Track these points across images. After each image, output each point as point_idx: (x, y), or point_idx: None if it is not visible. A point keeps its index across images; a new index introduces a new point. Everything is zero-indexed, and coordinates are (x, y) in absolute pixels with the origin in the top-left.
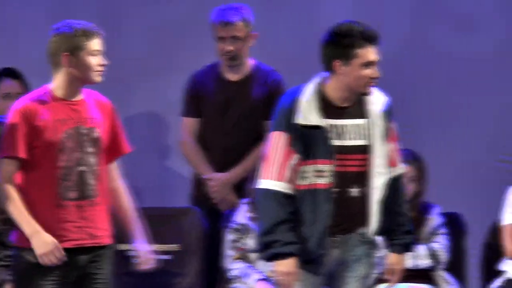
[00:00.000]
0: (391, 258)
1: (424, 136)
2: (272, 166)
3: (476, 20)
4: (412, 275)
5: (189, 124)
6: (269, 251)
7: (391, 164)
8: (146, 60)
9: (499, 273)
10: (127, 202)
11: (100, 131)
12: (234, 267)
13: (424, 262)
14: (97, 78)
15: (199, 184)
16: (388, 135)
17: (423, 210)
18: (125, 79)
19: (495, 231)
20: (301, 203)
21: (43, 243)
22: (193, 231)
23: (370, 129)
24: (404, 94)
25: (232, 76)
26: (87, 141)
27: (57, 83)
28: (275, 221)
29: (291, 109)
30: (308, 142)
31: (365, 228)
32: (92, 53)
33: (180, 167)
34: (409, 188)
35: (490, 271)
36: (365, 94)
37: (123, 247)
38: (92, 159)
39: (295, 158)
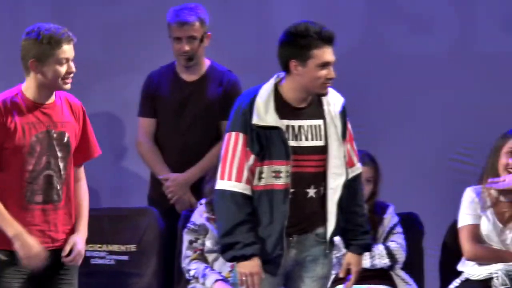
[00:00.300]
0: (349, 258)
1: (379, 136)
2: (229, 167)
3: (431, 21)
4: (369, 275)
5: (145, 124)
6: (230, 253)
7: (349, 164)
8: (101, 60)
9: (457, 273)
10: (83, 199)
11: (70, 136)
12: (192, 267)
13: (381, 262)
14: (65, 86)
15: (156, 184)
16: (345, 136)
17: (378, 210)
18: (80, 79)
19: (454, 231)
20: (258, 204)
21: (27, 246)
22: (150, 231)
23: (327, 130)
24: (358, 94)
25: (188, 77)
26: (56, 145)
27: (27, 86)
28: (234, 222)
29: (248, 110)
30: (265, 142)
31: (322, 228)
32: (59, 61)
33: (137, 168)
34: (365, 189)
35: (449, 271)
36: (321, 94)
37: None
38: (60, 164)
39: (251, 158)
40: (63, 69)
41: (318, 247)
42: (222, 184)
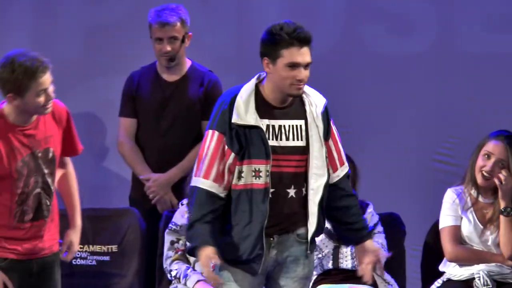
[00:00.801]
0: (369, 246)
1: (359, 137)
2: (201, 164)
3: (411, 21)
4: (351, 275)
5: (126, 124)
6: (188, 246)
7: (340, 164)
8: (82, 60)
9: (439, 273)
10: (73, 188)
11: (55, 149)
12: (173, 268)
13: None
14: (46, 111)
15: (137, 185)
16: (328, 137)
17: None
18: (61, 79)
19: (435, 232)
20: (237, 203)
21: None
22: (132, 232)
23: (308, 131)
24: (337, 93)
25: (169, 77)
26: (43, 163)
27: (8, 110)
28: (196, 217)
29: (227, 109)
30: (244, 141)
31: (303, 229)
32: (37, 93)
33: (118, 168)
34: None
35: (430, 272)
36: (292, 95)
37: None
38: (48, 179)
39: (231, 157)
40: (41, 99)
41: (299, 247)
42: (194, 180)
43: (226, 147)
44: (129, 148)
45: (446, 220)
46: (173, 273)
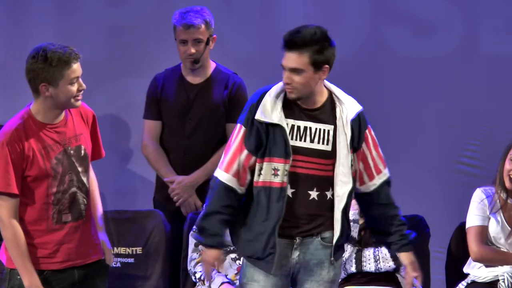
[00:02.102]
0: (404, 258)
1: (383, 139)
2: (224, 156)
3: (435, 23)
4: (375, 278)
5: (151, 126)
6: (196, 235)
7: (376, 172)
8: (106, 62)
9: (463, 275)
10: (95, 192)
11: (86, 147)
12: (198, 270)
13: (386, 265)
14: (77, 103)
15: (162, 187)
16: (360, 145)
17: None
18: (86, 81)
19: (460, 234)
20: (257, 200)
21: None
22: (156, 234)
23: (336, 136)
24: (361, 95)
25: (194, 79)
26: (76, 161)
27: (37, 108)
28: (210, 210)
29: (254, 105)
30: (265, 139)
31: (329, 232)
32: (71, 82)
33: (142, 170)
34: None
35: (455, 274)
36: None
37: None
38: (83, 178)
39: (244, 153)
40: (74, 88)
41: (323, 251)
42: (216, 171)
43: (243, 142)
44: (153, 150)
45: (473, 219)
46: (198, 275)
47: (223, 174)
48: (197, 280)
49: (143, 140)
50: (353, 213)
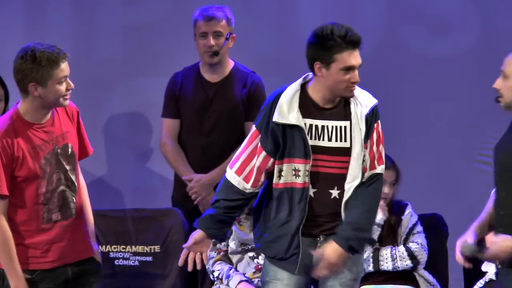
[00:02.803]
0: (328, 247)
1: (400, 138)
2: (237, 158)
3: (451, 22)
4: (393, 276)
5: (169, 125)
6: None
7: (370, 167)
8: (123, 60)
9: (481, 274)
10: (85, 198)
11: (73, 144)
12: (216, 268)
13: (403, 263)
14: (65, 102)
15: (180, 185)
16: (367, 138)
17: (396, 210)
18: (103, 80)
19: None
20: (278, 202)
21: None
22: (174, 232)
23: (352, 132)
24: (378, 94)
25: (212, 77)
26: (63, 160)
27: (25, 108)
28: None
29: (270, 107)
30: (282, 141)
31: None
32: (59, 81)
33: (160, 168)
34: (388, 192)
35: (473, 272)
36: (347, 97)
37: (104, 249)
38: (71, 176)
39: (262, 155)
40: (63, 88)
41: None
42: (227, 170)
43: (259, 144)
44: (171, 148)
45: None
46: (216, 274)
47: (234, 176)
48: (215, 279)
49: (161, 139)
50: (380, 218)
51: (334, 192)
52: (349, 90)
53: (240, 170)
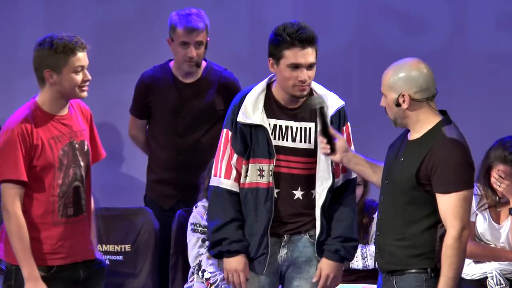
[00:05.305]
0: (321, 263)
1: (371, 136)
2: (220, 163)
3: (424, 19)
4: (363, 275)
5: (136, 122)
6: (217, 248)
7: (342, 171)
8: (94, 57)
9: None
10: (92, 200)
11: (88, 143)
12: (209, 270)
13: (374, 262)
14: (82, 94)
15: (152, 185)
16: None
17: (368, 209)
18: None
19: None
20: (244, 202)
21: None
22: (145, 231)
23: (317, 133)
24: (350, 93)
25: (185, 78)
26: (79, 155)
27: (43, 99)
28: (224, 220)
29: (236, 108)
30: (249, 141)
31: (314, 230)
32: (75, 70)
33: (131, 168)
34: (358, 193)
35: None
36: (296, 97)
37: None
38: (83, 173)
39: (234, 157)
40: (79, 77)
41: (311, 248)
42: (213, 180)
43: (231, 146)
44: (143, 137)
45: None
46: (206, 275)
47: (223, 181)
48: (202, 277)
49: (130, 132)
50: None
51: (297, 193)
52: (297, 89)
53: (228, 173)
